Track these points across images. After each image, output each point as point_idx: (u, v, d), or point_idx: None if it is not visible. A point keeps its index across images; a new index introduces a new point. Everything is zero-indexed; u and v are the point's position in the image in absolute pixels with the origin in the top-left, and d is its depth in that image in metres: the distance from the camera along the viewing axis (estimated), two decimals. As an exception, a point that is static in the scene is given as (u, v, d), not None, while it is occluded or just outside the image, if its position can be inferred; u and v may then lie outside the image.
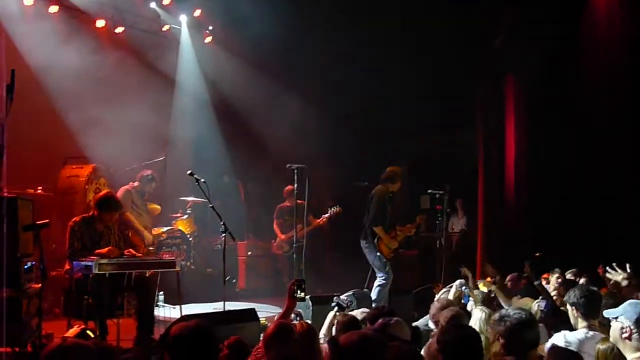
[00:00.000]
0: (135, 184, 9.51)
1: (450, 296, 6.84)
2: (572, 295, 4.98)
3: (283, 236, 11.07)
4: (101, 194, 7.19)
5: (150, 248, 9.54)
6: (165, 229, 10.33)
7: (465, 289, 6.89)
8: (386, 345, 3.47)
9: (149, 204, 9.89)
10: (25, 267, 6.30)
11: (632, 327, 4.01)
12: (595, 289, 5.39)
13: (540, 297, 6.43)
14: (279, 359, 3.59)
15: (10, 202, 5.98)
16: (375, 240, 8.74)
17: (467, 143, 12.79)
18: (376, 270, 8.89)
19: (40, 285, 5.90)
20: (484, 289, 7.52)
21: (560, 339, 4.60)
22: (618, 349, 3.98)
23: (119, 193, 9.16)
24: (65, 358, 3.33)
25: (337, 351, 3.22)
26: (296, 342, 4.22)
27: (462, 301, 6.75)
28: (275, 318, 5.01)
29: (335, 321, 5.48)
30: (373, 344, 3.29)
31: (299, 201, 10.08)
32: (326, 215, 10.89)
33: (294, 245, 9.92)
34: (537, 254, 9.97)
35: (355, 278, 10.52)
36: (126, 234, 8.77)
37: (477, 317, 5.54)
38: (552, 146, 11.12)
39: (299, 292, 5.13)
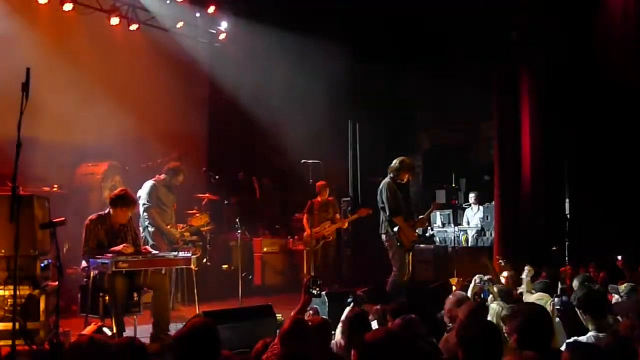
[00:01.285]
0: (162, 177, 8.97)
1: (469, 291, 6.80)
2: (575, 297, 4.92)
3: (310, 231, 10.96)
4: (116, 191, 7.16)
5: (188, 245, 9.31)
6: (185, 226, 10.28)
7: (485, 284, 6.83)
8: (411, 341, 3.45)
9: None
10: (42, 264, 6.33)
11: None
12: (597, 287, 5.30)
13: (555, 295, 6.36)
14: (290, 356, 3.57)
15: (27, 200, 6.00)
16: (396, 230, 8.66)
17: (483, 137, 12.73)
18: (392, 264, 8.85)
19: (57, 282, 5.93)
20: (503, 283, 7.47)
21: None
22: None
23: (145, 187, 8.87)
24: (92, 352, 3.36)
25: (364, 350, 3.20)
26: (312, 337, 4.22)
27: (482, 296, 6.69)
28: (291, 314, 4.99)
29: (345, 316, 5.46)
30: (399, 340, 3.27)
31: (329, 198, 10.14)
32: (354, 215, 10.85)
33: (322, 240, 10.01)
34: (554, 248, 9.90)
35: (371, 274, 10.51)
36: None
37: (494, 311, 5.50)
38: (568, 139, 11.03)
39: (314, 287, 5.11)
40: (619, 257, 8.59)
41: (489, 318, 5.29)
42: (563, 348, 4.26)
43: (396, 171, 8.83)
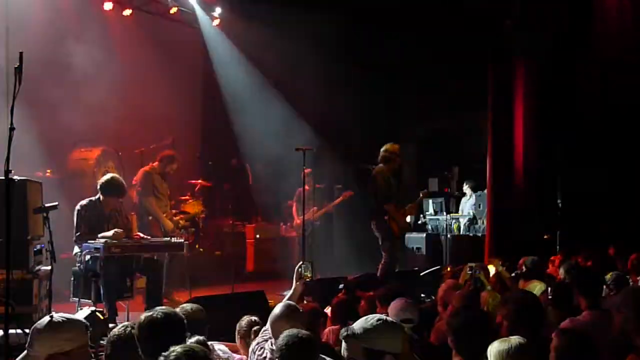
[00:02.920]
0: (156, 164, 8.85)
1: (460, 279, 6.83)
2: (570, 276, 4.95)
3: (299, 220, 10.95)
4: (104, 178, 7.10)
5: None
6: (177, 212, 10.22)
7: (476, 272, 6.86)
8: (401, 327, 3.47)
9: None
10: (35, 249, 6.34)
11: None
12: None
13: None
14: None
15: (20, 185, 6.00)
16: (386, 218, 8.69)
17: (477, 125, 12.73)
18: (382, 250, 8.88)
19: (49, 267, 5.94)
20: (493, 271, 7.50)
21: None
22: None
23: (139, 175, 8.78)
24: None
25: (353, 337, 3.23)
26: (303, 322, 4.25)
27: (472, 284, 6.72)
28: (283, 300, 5.01)
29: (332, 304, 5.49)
30: (390, 326, 3.29)
31: (317, 185, 10.15)
32: (339, 198, 10.87)
33: (311, 226, 10.04)
34: (546, 236, 9.96)
35: (363, 260, 10.54)
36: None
37: (485, 300, 5.54)
38: (562, 128, 11.06)
39: (306, 273, 5.13)
40: (611, 247, 8.65)
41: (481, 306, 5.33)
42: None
43: (388, 160, 8.86)
